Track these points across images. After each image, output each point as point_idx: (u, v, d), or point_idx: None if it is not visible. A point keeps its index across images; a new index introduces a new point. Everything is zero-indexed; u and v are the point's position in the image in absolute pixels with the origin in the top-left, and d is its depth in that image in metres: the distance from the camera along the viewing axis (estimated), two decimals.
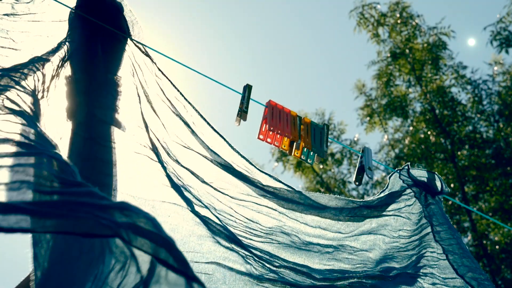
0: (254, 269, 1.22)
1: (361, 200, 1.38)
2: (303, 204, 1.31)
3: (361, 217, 1.35)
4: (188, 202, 1.20)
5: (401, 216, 1.39)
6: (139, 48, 1.20)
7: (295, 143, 1.39)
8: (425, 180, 1.43)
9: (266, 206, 1.32)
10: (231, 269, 1.20)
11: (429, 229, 1.39)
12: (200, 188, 1.25)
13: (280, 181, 1.35)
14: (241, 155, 1.28)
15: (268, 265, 1.26)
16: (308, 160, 1.41)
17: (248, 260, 1.23)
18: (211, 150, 1.24)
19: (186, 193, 1.22)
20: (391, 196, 1.40)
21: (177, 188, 1.20)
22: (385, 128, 10.86)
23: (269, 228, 1.30)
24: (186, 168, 1.23)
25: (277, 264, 1.27)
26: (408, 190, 1.42)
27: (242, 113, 1.33)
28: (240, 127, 1.33)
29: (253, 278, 1.19)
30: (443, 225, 1.38)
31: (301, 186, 10.99)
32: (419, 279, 1.36)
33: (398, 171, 1.42)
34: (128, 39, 1.16)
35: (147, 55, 1.22)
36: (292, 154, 1.36)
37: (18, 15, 1.03)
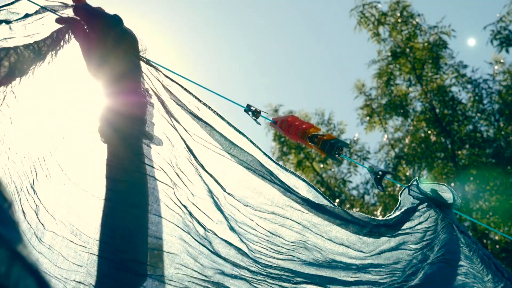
0: None
1: (381, 219, 1.35)
2: (329, 213, 1.27)
3: (377, 234, 1.33)
4: (194, 228, 1.17)
5: (418, 233, 1.37)
6: (141, 59, 1.18)
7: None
8: (436, 194, 1.41)
9: (290, 219, 1.27)
10: None
11: (450, 226, 1.37)
12: (221, 197, 1.22)
13: (304, 180, 1.31)
14: (263, 152, 1.25)
15: (285, 284, 1.22)
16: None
17: (256, 285, 1.20)
18: (235, 145, 1.20)
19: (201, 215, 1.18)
20: (407, 213, 1.38)
21: (186, 209, 1.17)
22: (385, 127, 10.85)
23: (292, 242, 1.25)
24: (210, 175, 1.20)
25: (298, 280, 1.23)
26: (421, 206, 1.39)
27: (256, 120, 1.34)
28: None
29: None
30: (462, 228, 1.38)
31: None
32: (443, 264, 1.32)
33: (408, 188, 1.40)
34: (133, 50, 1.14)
35: (150, 64, 1.19)
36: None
37: (15, 38, 1.01)
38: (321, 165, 11.09)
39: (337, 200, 10.59)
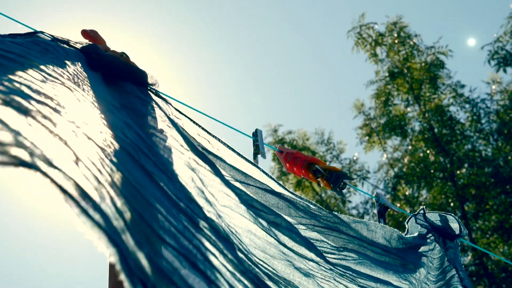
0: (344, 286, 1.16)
1: (399, 247, 1.34)
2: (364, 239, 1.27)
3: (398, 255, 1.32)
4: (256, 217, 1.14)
5: (430, 261, 1.37)
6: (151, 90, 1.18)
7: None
8: (442, 223, 1.42)
9: (327, 228, 1.27)
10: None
11: (453, 272, 1.37)
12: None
13: (322, 209, 1.30)
14: (278, 182, 1.25)
15: (351, 285, 1.20)
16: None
17: (336, 278, 1.18)
18: (247, 175, 1.20)
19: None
20: (421, 238, 1.38)
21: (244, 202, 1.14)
22: (384, 147, 10.87)
23: (338, 247, 1.25)
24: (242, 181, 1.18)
25: (361, 283, 1.20)
26: (429, 235, 1.40)
27: (257, 155, 1.34)
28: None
29: None
30: (464, 272, 1.37)
31: None
32: None
33: (414, 216, 1.41)
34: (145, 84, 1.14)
35: (158, 95, 1.19)
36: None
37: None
38: (321, 185, 11.06)
39: None
